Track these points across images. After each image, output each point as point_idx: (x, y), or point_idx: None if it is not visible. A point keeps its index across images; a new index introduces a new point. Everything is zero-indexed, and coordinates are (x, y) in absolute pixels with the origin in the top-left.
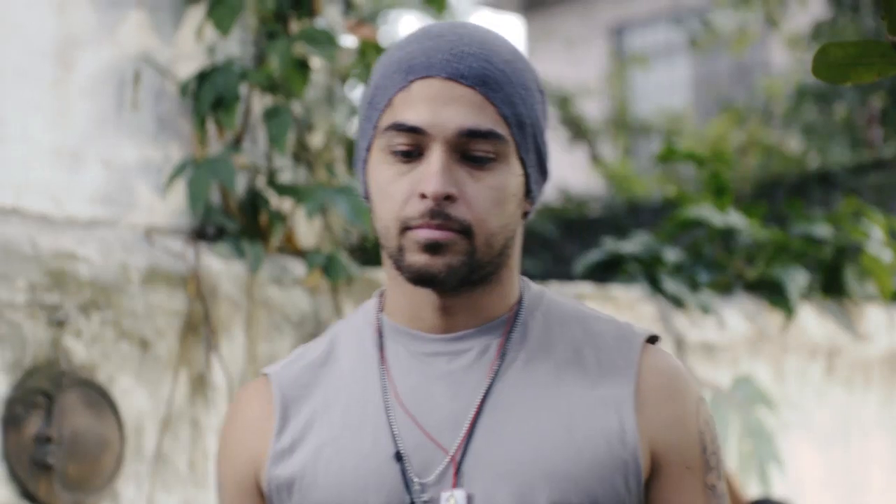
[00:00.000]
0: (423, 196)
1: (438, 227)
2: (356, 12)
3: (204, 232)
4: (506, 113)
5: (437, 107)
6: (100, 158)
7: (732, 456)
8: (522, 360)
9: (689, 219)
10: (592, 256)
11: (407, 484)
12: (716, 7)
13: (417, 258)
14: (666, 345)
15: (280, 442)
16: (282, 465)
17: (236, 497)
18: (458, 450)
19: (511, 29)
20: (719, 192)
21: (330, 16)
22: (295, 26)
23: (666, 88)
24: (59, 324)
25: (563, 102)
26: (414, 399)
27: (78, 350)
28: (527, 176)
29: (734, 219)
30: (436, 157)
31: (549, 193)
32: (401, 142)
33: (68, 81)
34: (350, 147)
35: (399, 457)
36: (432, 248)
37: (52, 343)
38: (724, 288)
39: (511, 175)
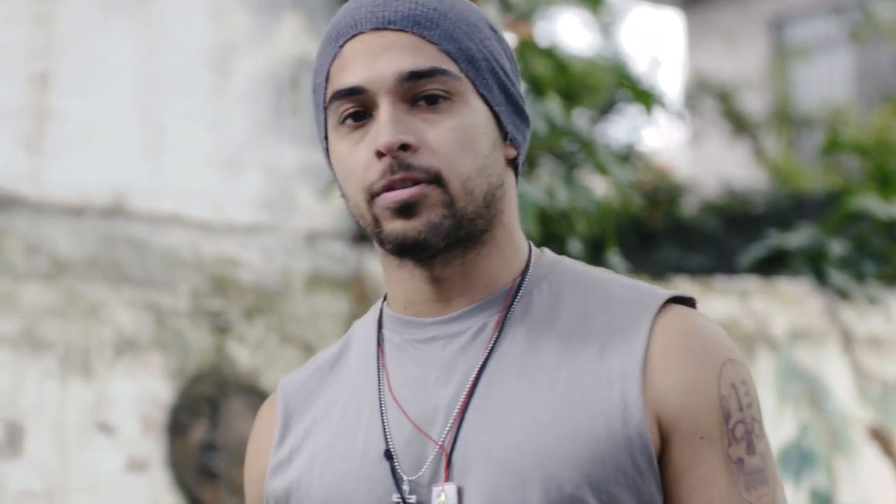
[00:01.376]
0: (380, 154)
1: (403, 183)
2: (513, 11)
3: (365, 235)
4: (449, 49)
5: (371, 60)
6: (259, 164)
7: None
8: (522, 335)
9: (854, 211)
10: (757, 250)
11: (397, 483)
12: None
13: (393, 225)
14: (833, 338)
15: (278, 453)
16: (279, 478)
17: None
18: (448, 440)
19: (670, 24)
20: (884, 182)
21: (487, 14)
22: None
23: (827, 80)
24: (222, 330)
25: (725, 97)
26: (407, 390)
27: (242, 356)
28: (497, 116)
29: None
30: (383, 109)
31: (711, 188)
32: (345, 109)
33: (226, 88)
34: None
35: (388, 455)
36: (405, 210)
37: (215, 349)
38: (891, 279)
39: (473, 113)
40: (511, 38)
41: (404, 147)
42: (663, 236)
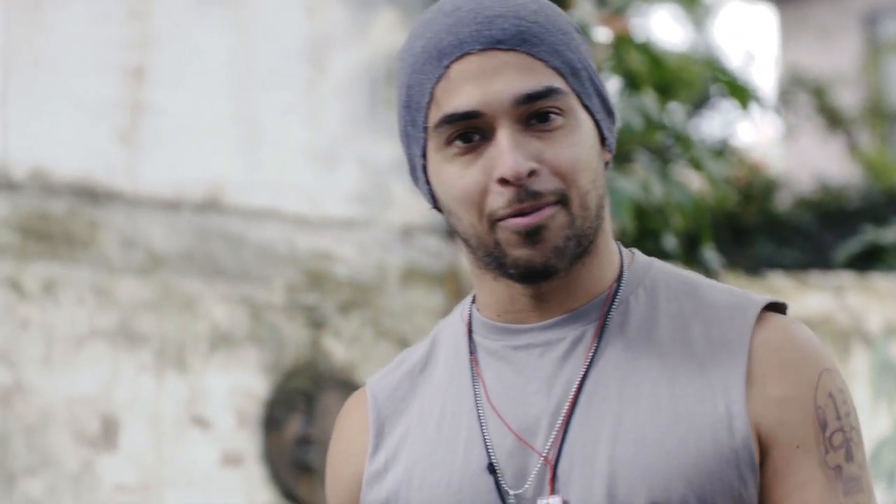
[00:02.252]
0: (504, 181)
1: (532, 210)
2: (609, 5)
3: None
4: (556, 64)
5: (485, 83)
6: (354, 158)
7: None
8: (621, 345)
9: None
10: (851, 246)
11: (502, 497)
12: None
13: (520, 252)
14: None
15: (373, 463)
16: (376, 489)
17: None
18: (552, 452)
19: (763, 19)
20: None
21: (583, 9)
22: None
23: None
24: (317, 324)
25: (819, 92)
26: (506, 400)
27: (337, 350)
28: (597, 123)
29: None
30: (502, 135)
31: (804, 184)
32: (455, 130)
33: (321, 82)
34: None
35: (492, 468)
36: (532, 234)
37: (311, 344)
38: None
39: (582, 127)
40: (606, 33)
41: (530, 174)
42: (757, 232)
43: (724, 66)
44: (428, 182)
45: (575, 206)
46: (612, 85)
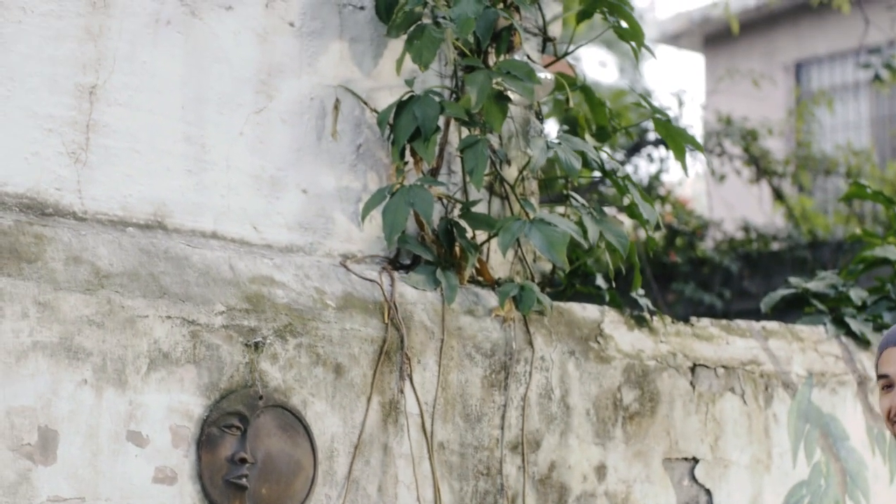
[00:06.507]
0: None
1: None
2: (553, 48)
3: (399, 261)
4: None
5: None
6: (299, 186)
7: None
8: None
9: (876, 258)
10: (778, 294)
11: None
12: None
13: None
14: (851, 385)
15: None
16: None
17: None
18: None
19: (691, 66)
20: None
21: (528, 51)
22: (493, 60)
23: (844, 127)
24: (255, 347)
25: (747, 137)
26: None
27: (273, 374)
28: None
29: None
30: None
31: (728, 227)
32: (884, 381)
33: (270, 109)
34: (544, 181)
35: None
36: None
37: (248, 366)
38: None
39: None
40: (550, 76)
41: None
42: (682, 273)
43: (660, 106)
44: None
45: None
46: (554, 127)
